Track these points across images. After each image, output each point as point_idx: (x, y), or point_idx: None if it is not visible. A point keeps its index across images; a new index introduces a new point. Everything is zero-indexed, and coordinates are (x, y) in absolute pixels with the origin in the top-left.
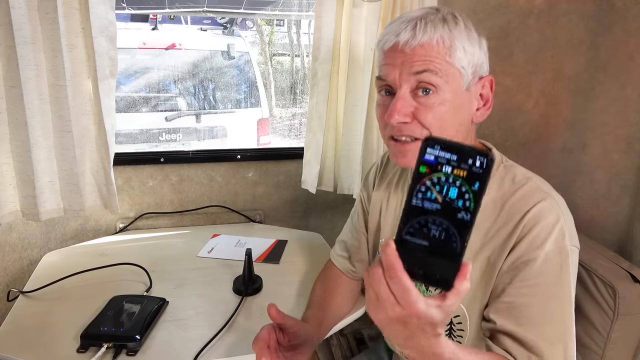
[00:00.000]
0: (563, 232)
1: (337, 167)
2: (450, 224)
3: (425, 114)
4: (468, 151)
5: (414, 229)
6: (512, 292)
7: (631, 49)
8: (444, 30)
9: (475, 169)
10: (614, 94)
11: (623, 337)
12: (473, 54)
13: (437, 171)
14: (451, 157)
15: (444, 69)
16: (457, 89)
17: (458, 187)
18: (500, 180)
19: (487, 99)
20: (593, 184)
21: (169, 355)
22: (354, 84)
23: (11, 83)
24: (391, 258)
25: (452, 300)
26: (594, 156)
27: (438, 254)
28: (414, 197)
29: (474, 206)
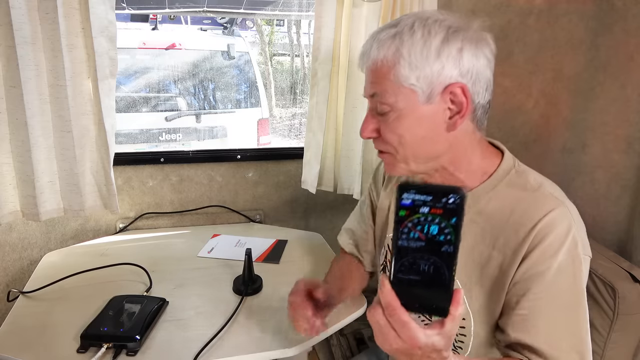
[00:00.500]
0: (576, 242)
1: (337, 167)
2: (436, 257)
3: (384, 131)
4: (441, 191)
5: (404, 266)
6: (527, 304)
7: (631, 49)
8: (390, 49)
9: (450, 206)
10: (614, 94)
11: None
12: (424, 68)
13: (416, 213)
14: (426, 199)
15: (391, 89)
16: (412, 104)
17: (437, 224)
18: (511, 185)
19: (461, 105)
20: (593, 184)
21: (169, 355)
22: (354, 84)
23: (11, 83)
24: (388, 297)
25: (449, 326)
26: (594, 156)
27: (430, 285)
28: (400, 238)
29: (454, 238)
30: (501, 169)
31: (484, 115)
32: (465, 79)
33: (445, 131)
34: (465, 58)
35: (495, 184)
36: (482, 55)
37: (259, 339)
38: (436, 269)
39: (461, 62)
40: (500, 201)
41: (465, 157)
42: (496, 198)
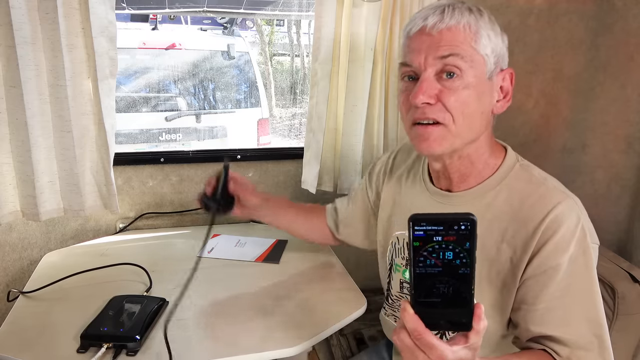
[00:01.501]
0: (585, 232)
1: (337, 167)
2: (454, 280)
3: (449, 96)
4: (451, 220)
5: (425, 291)
6: (544, 298)
7: (631, 49)
8: (471, 17)
9: (463, 232)
10: (614, 94)
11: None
12: (497, 44)
13: (430, 242)
14: (438, 229)
15: (469, 54)
16: (480, 75)
17: (452, 249)
18: (516, 179)
19: (507, 92)
20: (593, 184)
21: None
22: (354, 84)
23: (11, 83)
24: (412, 322)
25: (474, 339)
26: (594, 156)
27: (451, 305)
28: (416, 267)
29: (470, 261)
30: (506, 163)
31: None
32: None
33: (490, 112)
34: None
35: (501, 178)
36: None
37: (259, 338)
38: (455, 289)
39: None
40: (508, 194)
41: (485, 147)
42: (504, 191)
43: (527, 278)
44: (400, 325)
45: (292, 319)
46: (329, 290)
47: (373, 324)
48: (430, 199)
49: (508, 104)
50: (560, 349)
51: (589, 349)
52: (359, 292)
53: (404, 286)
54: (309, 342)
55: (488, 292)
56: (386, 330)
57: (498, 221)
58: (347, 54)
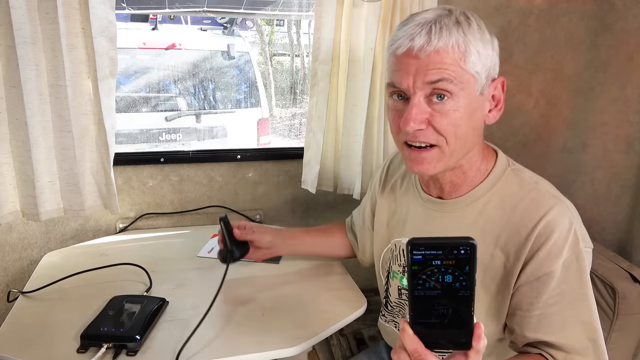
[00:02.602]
0: (577, 237)
1: (337, 167)
2: (453, 302)
3: (440, 120)
4: (451, 244)
5: (424, 313)
6: (540, 305)
7: (631, 49)
8: (459, 35)
9: (462, 256)
10: (614, 94)
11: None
12: (487, 57)
13: (429, 266)
14: (437, 253)
15: (459, 76)
16: (471, 94)
17: (451, 273)
18: (508, 183)
19: (499, 100)
20: (593, 184)
21: (169, 355)
22: (354, 84)
23: (11, 83)
24: (412, 343)
25: (474, 358)
26: (594, 156)
27: (451, 326)
28: (416, 289)
29: (470, 283)
30: (497, 168)
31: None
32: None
33: (482, 124)
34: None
35: (493, 184)
36: None
37: (259, 338)
38: (455, 311)
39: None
40: (499, 200)
41: (476, 154)
42: (495, 197)
43: (521, 285)
44: (400, 346)
45: (292, 319)
46: (329, 290)
47: (373, 324)
48: (423, 206)
49: (500, 113)
50: (557, 353)
51: (584, 354)
52: (359, 292)
53: (402, 292)
54: (309, 342)
55: (483, 298)
56: (385, 336)
57: (491, 227)
58: (347, 54)
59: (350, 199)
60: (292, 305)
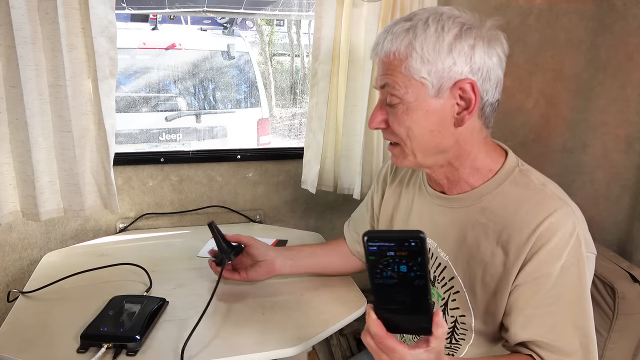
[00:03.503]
0: (579, 241)
1: (337, 167)
2: (410, 290)
3: (393, 122)
4: (401, 237)
5: (385, 299)
6: (534, 304)
7: (631, 49)
8: (403, 42)
9: (413, 248)
10: (614, 94)
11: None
12: (436, 62)
13: (384, 256)
14: (390, 245)
15: (402, 81)
16: (421, 97)
17: (405, 263)
18: (514, 184)
19: (470, 101)
20: (593, 184)
21: (169, 355)
22: (354, 84)
23: (11, 83)
24: (374, 327)
25: (435, 343)
26: (594, 156)
27: (411, 312)
28: (375, 277)
29: (423, 273)
30: (505, 167)
31: (491, 114)
32: (476, 76)
33: (452, 126)
34: (477, 55)
35: (499, 182)
36: (495, 53)
37: (259, 338)
38: (413, 298)
39: (473, 59)
40: (504, 199)
41: (470, 154)
42: (500, 196)
43: (518, 284)
44: (366, 329)
45: (292, 319)
46: (329, 290)
47: None
48: (429, 201)
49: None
50: (547, 355)
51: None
52: (359, 292)
53: None
54: (309, 342)
55: (482, 296)
56: None
57: (493, 225)
58: (347, 54)
59: (350, 199)
60: (292, 305)
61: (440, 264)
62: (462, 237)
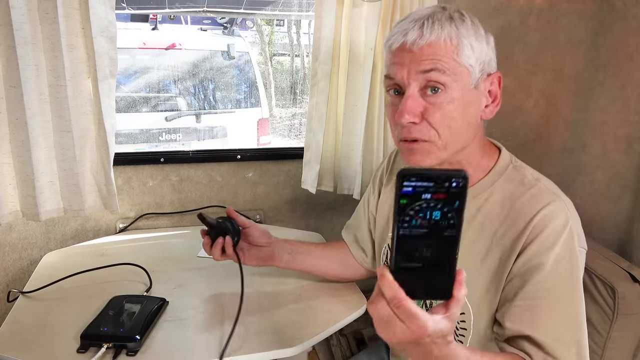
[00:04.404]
0: (572, 234)
1: (337, 167)
2: (439, 243)
3: (434, 112)
4: (443, 176)
5: (407, 256)
6: (525, 295)
7: (631, 49)
8: (451, 29)
9: (453, 190)
10: (614, 94)
11: (622, 337)
12: (481, 51)
13: (418, 200)
14: (428, 185)
15: (452, 68)
16: (465, 87)
17: (440, 209)
18: (509, 180)
19: (496, 96)
20: (593, 184)
21: (169, 355)
22: (354, 84)
23: (11, 83)
24: (392, 289)
25: (455, 309)
26: (594, 156)
27: (433, 271)
28: (401, 227)
29: (458, 222)
30: (499, 164)
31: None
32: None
33: (479, 119)
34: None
35: (494, 180)
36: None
37: (259, 338)
38: (438, 254)
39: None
40: (499, 196)
41: (477, 152)
42: (495, 193)
43: (512, 277)
44: (377, 294)
45: (292, 319)
46: (329, 290)
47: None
48: None
49: (497, 108)
50: (535, 352)
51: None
52: (359, 292)
53: None
54: (309, 342)
55: (479, 294)
56: None
57: (489, 222)
58: (347, 54)
59: (350, 199)
60: (292, 305)
61: None
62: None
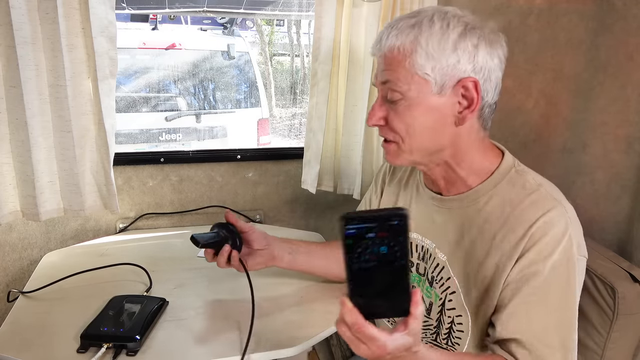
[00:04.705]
0: (571, 242)
1: (337, 167)
2: (390, 271)
3: (393, 119)
4: (384, 216)
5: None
6: (519, 300)
7: (631, 49)
8: (408, 37)
9: (395, 227)
10: (614, 94)
11: (622, 337)
12: (440, 59)
13: (363, 239)
14: (371, 225)
15: (405, 78)
16: (424, 94)
17: (386, 244)
18: (510, 185)
19: (472, 100)
20: (593, 184)
21: (169, 355)
22: (354, 84)
23: (11, 83)
24: (351, 316)
25: (413, 324)
26: (594, 156)
27: (389, 295)
28: (353, 262)
29: (404, 252)
30: (501, 168)
31: (490, 115)
32: (478, 76)
33: (452, 125)
34: (480, 55)
35: (495, 183)
36: (496, 55)
37: (259, 338)
38: (392, 280)
39: (476, 59)
40: (500, 199)
41: (468, 154)
42: (496, 196)
43: (509, 282)
44: (341, 319)
45: (292, 319)
46: (329, 290)
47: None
48: (427, 202)
49: (474, 114)
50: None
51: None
52: None
53: None
54: (309, 342)
55: (476, 297)
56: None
57: (489, 225)
58: (347, 54)
59: (350, 199)
60: (292, 305)
61: (438, 265)
62: (458, 238)
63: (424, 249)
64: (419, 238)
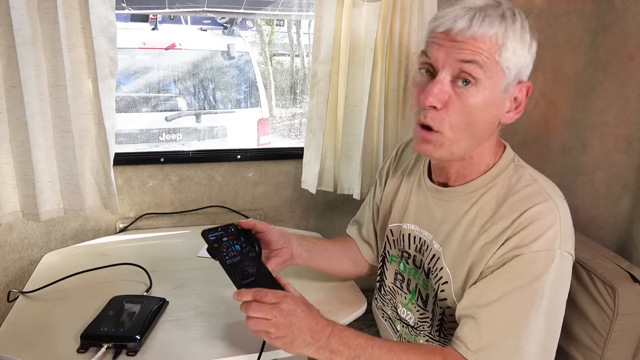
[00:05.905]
0: (555, 236)
1: (337, 167)
2: (251, 261)
3: (456, 103)
4: (225, 227)
5: (241, 275)
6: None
7: (631, 49)
8: (500, 28)
9: (234, 232)
10: (614, 94)
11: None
12: (520, 57)
13: (222, 242)
14: (221, 233)
15: (490, 65)
16: (495, 87)
17: (237, 243)
18: (507, 178)
19: (520, 103)
20: (593, 184)
21: (169, 355)
22: (354, 84)
23: (11, 83)
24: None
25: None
26: (594, 156)
27: (263, 279)
28: (225, 260)
29: (251, 246)
30: (501, 162)
31: None
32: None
33: (497, 122)
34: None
35: (494, 176)
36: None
37: (259, 338)
38: (257, 268)
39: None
40: (495, 193)
41: (488, 151)
42: (492, 190)
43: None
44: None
45: None
46: (329, 290)
47: (373, 324)
48: (426, 194)
49: (517, 116)
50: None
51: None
52: (359, 292)
53: (397, 277)
54: None
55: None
56: (378, 323)
57: (480, 216)
58: (347, 54)
59: (350, 199)
60: None
61: (434, 256)
62: (452, 229)
63: (421, 241)
64: (417, 230)
